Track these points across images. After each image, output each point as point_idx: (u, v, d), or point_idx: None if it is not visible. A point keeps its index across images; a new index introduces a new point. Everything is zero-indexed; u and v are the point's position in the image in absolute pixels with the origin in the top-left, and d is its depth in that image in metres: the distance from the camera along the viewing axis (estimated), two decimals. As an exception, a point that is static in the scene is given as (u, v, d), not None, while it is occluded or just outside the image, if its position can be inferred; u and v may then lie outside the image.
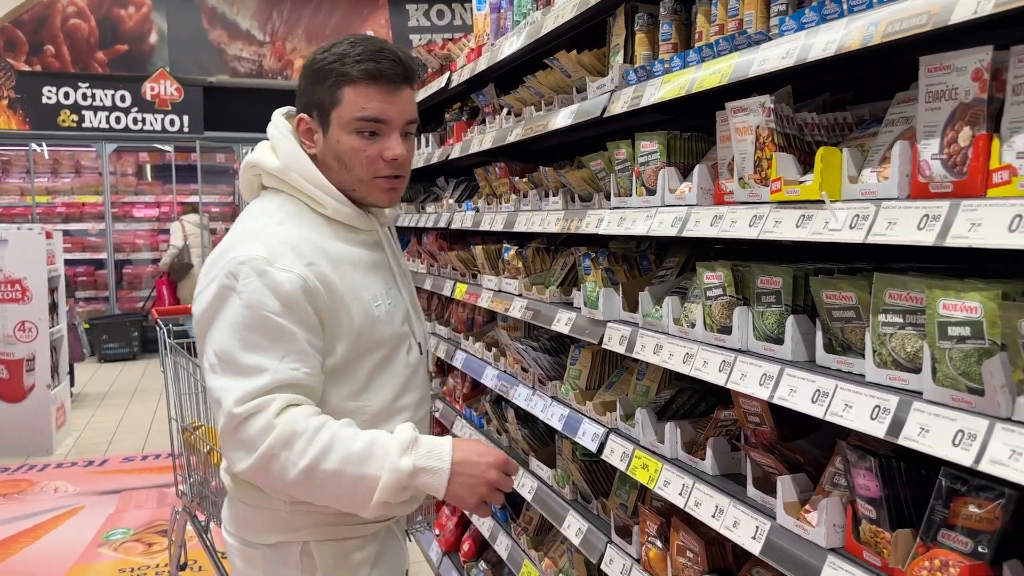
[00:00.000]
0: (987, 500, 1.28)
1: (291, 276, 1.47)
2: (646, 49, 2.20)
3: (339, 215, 1.60)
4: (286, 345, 1.46)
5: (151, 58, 11.06)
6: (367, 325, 1.56)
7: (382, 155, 1.56)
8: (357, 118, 1.53)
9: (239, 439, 1.45)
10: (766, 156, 1.60)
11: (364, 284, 1.59)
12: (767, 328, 1.66)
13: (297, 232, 1.54)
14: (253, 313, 1.45)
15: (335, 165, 1.58)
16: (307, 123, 1.59)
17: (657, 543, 2.06)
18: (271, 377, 1.44)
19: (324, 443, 1.44)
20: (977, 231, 1.18)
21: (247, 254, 1.48)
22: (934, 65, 1.32)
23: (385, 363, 1.61)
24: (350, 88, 1.53)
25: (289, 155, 1.59)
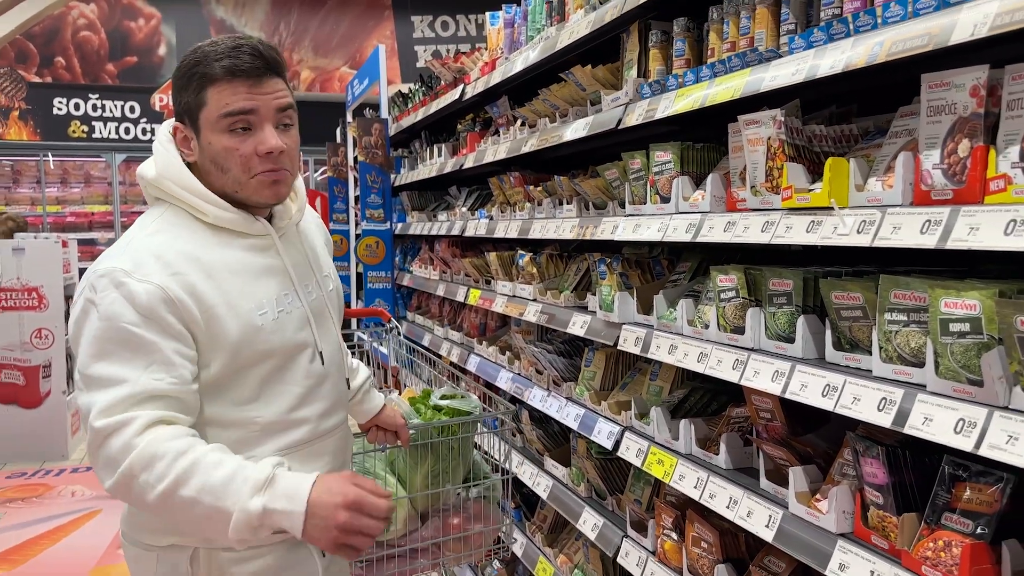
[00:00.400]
0: (987, 484, 1.37)
1: (149, 287, 1.42)
2: (659, 64, 2.31)
3: (221, 221, 1.54)
4: (146, 356, 1.41)
5: (160, 69, 11.20)
6: (248, 335, 1.50)
7: (256, 150, 1.50)
8: (223, 115, 1.48)
9: (102, 456, 1.40)
10: (777, 166, 1.70)
11: (246, 292, 1.52)
12: (779, 328, 1.77)
13: (168, 241, 1.49)
14: (110, 325, 1.41)
15: (212, 169, 1.53)
16: (182, 131, 1.55)
17: (672, 535, 2.16)
18: (131, 388, 1.39)
19: (184, 468, 1.37)
20: (976, 235, 1.28)
21: (107, 266, 1.45)
22: (935, 82, 1.43)
23: (278, 373, 1.55)
24: (213, 88, 1.48)
25: (163, 164, 1.56)
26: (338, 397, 1.70)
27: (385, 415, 2.03)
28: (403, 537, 2.18)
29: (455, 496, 2.26)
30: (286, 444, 1.56)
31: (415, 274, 5.10)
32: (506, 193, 3.55)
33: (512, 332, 3.51)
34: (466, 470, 2.26)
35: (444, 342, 4.32)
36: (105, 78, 11.01)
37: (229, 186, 1.53)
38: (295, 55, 11.82)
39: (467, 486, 2.26)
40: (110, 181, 10.79)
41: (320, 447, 1.63)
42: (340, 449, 1.71)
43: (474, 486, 2.28)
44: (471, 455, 2.28)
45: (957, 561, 1.32)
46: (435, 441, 2.11)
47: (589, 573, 2.68)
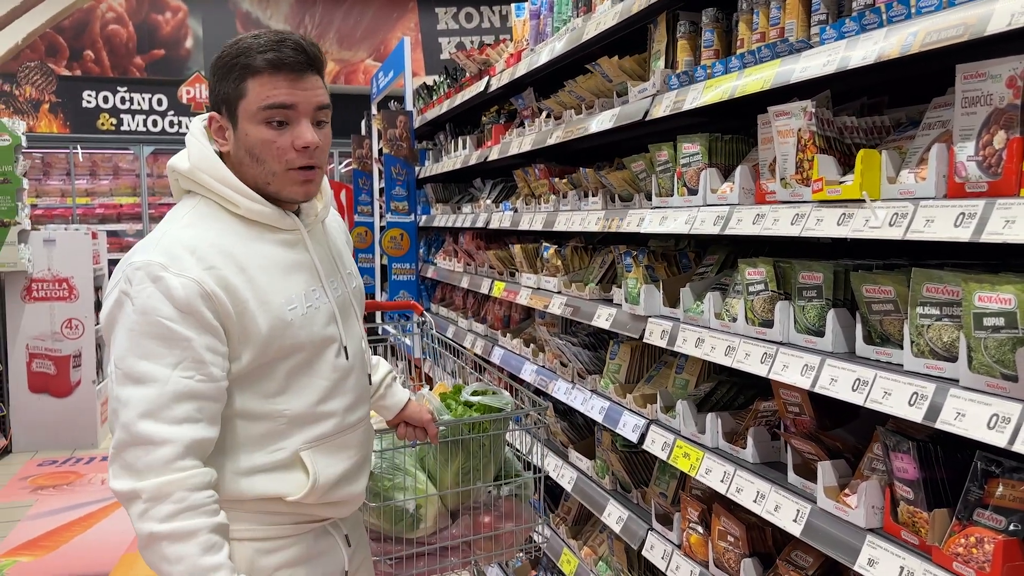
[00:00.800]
0: (1020, 480, 1.36)
1: (186, 281, 1.43)
2: (688, 55, 2.29)
3: (253, 214, 1.55)
4: (180, 352, 1.43)
5: (187, 62, 11.29)
6: (278, 329, 1.51)
7: (293, 144, 1.51)
8: (263, 107, 1.49)
9: (126, 459, 1.42)
10: (808, 157, 1.69)
11: (276, 287, 1.53)
12: (808, 321, 1.75)
13: (202, 235, 1.51)
14: (146, 319, 1.42)
15: (248, 160, 1.53)
16: (217, 121, 1.55)
17: (698, 529, 2.15)
18: (162, 388, 1.41)
19: (184, 530, 1.40)
20: (1011, 228, 1.26)
21: (143, 259, 1.46)
22: (970, 72, 1.41)
23: (306, 367, 1.58)
24: (254, 79, 1.49)
25: (198, 156, 1.56)
26: (362, 391, 1.72)
27: (411, 411, 2.03)
28: (433, 535, 2.19)
29: (486, 494, 2.27)
30: (313, 437, 1.59)
31: (439, 266, 5.11)
32: (531, 185, 3.55)
33: (536, 324, 3.51)
34: (497, 468, 2.27)
35: (468, 334, 4.33)
36: (133, 71, 11.12)
37: (262, 177, 1.55)
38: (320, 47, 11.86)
39: (498, 484, 2.27)
40: (138, 173, 10.90)
41: (345, 440, 1.65)
42: (363, 443, 1.73)
43: (505, 484, 2.28)
44: (502, 452, 2.29)
45: (989, 558, 1.31)
46: (466, 438, 2.12)
47: (614, 566, 2.68)
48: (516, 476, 2.33)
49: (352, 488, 1.68)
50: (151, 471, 1.40)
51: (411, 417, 2.03)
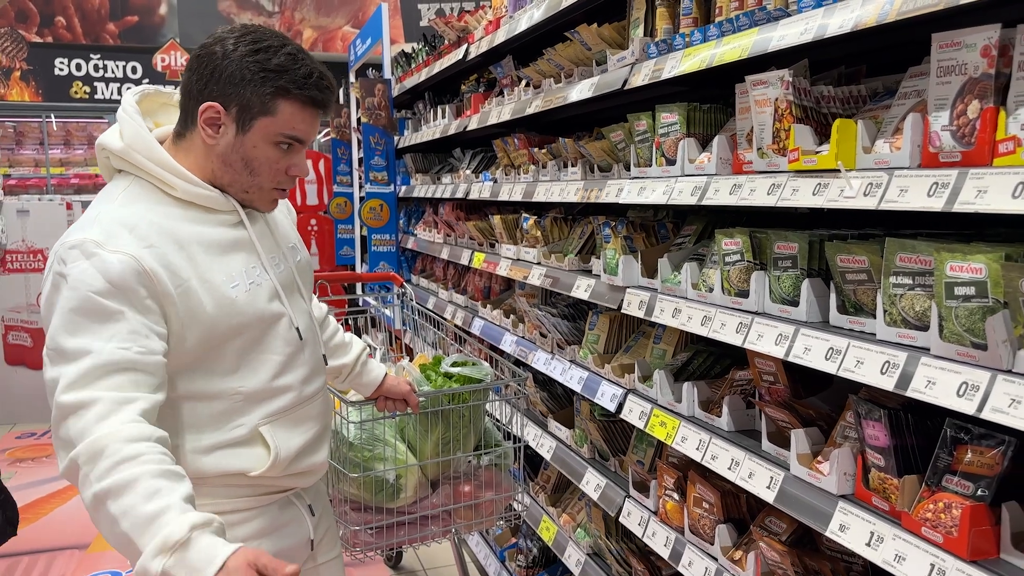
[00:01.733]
0: (988, 447, 1.38)
1: (122, 257, 1.39)
2: (667, 23, 2.27)
3: (190, 195, 1.52)
4: (113, 325, 1.37)
5: (161, 29, 11.09)
6: (223, 308, 1.50)
7: (288, 170, 1.56)
8: (286, 135, 1.51)
9: (60, 435, 1.33)
10: (784, 127, 1.69)
11: (216, 266, 1.51)
12: (783, 291, 1.76)
13: (139, 213, 1.47)
14: (78, 295, 1.37)
15: (238, 166, 1.53)
16: (217, 114, 1.50)
17: (674, 496, 2.18)
18: (95, 359, 1.34)
19: (122, 480, 1.27)
20: (983, 198, 1.27)
21: (77, 238, 1.42)
22: (945, 42, 1.40)
23: (256, 343, 1.56)
24: (288, 105, 1.50)
25: (133, 136, 1.52)
26: (316, 362, 1.72)
27: (389, 384, 2.04)
28: (414, 505, 2.21)
29: (466, 463, 2.29)
30: (271, 412, 1.59)
31: (419, 237, 5.09)
32: (510, 155, 3.53)
33: (516, 295, 3.51)
34: (477, 438, 2.28)
35: (448, 305, 4.32)
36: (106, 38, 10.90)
37: (243, 184, 1.55)
38: (297, 14, 11.68)
39: (478, 454, 2.29)
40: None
41: (304, 412, 1.65)
42: (322, 413, 1.73)
43: (485, 454, 2.30)
44: (482, 423, 2.30)
45: (957, 522, 1.34)
46: (446, 409, 2.13)
47: (592, 532, 2.71)
48: (496, 446, 2.35)
49: (314, 458, 1.69)
50: (84, 434, 1.30)
51: (390, 391, 2.04)
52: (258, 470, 1.56)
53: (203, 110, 1.50)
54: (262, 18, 11.54)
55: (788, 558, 1.76)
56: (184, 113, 1.55)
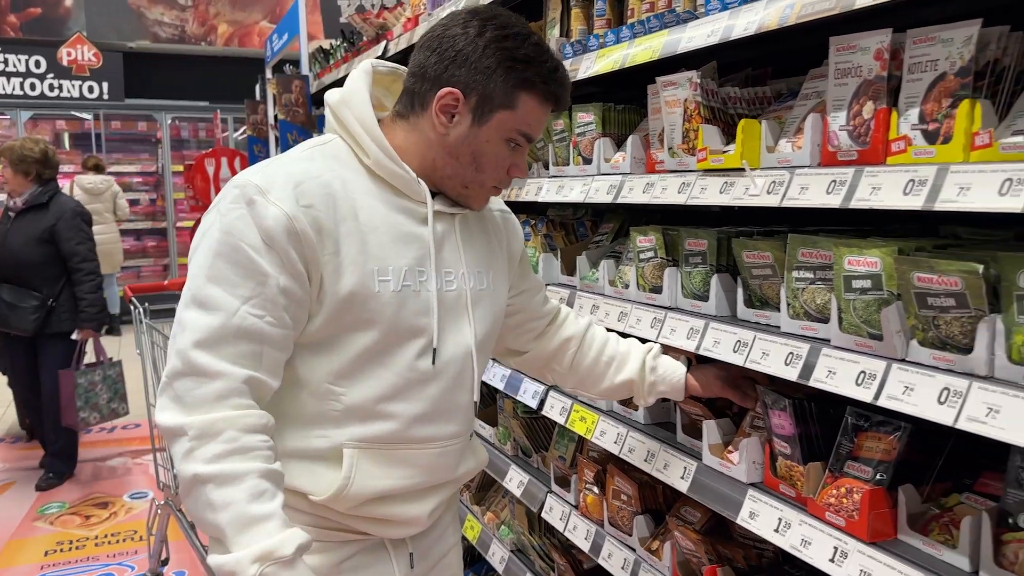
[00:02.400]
0: (886, 433, 1.45)
1: (278, 212, 1.29)
2: (581, 24, 2.30)
3: (381, 169, 1.40)
4: (254, 286, 1.29)
5: (67, 22, 10.63)
6: (359, 296, 1.35)
7: (509, 170, 1.44)
8: (521, 132, 1.40)
9: (176, 389, 1.28)
10: (693, 127, 1.73)
11: (377, 252, 1.37)
12: (694, 287, 1.81)
13: (315, 171, 1.36)
14: (228, 240, 1.29)
15: (466, 159, 1.40)
16: (456, 101, 1.37)
17: (594, 489, 2.21)
18: (227, 320, 1.28)
19: (231, 472, 1.24)
20: (877, 194, 1.33)
21: (244, 179, 1.33)
22: (842, 45, 1.46)
23: (380, 353, 1.39)
24: (530, 99, 1.38)
25: (350, 92, 1.43)
26: (450, 408, 1.47)
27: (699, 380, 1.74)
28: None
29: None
30: (367, 436, 1.40)
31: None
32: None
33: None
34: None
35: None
36: (7, 31, 10.39)
37: (463, 179, 1.43)
38: (212, 8, 11.36)
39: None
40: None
41: (407, 455, 1.43)
42: (434, 467, 1.48)
43: None
44: None
45: (858, 506, 1.39)
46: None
47: (515, 528, 2.73)
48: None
49: (405, 509, 1.46)
50: (201, 406, 1.26)
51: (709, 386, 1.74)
52: (320, 496, 1.38)
53: (441, 96, 1.37)
54: (175, 12, 11.20)
55: (702, 546, 1.81)
56: (411, 95, 1.42)
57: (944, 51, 1.30)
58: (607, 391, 1.78)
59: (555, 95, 1.41)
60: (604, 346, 1.77)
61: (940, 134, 1.28)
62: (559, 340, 1.76)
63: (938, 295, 1.26)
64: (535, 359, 1.79)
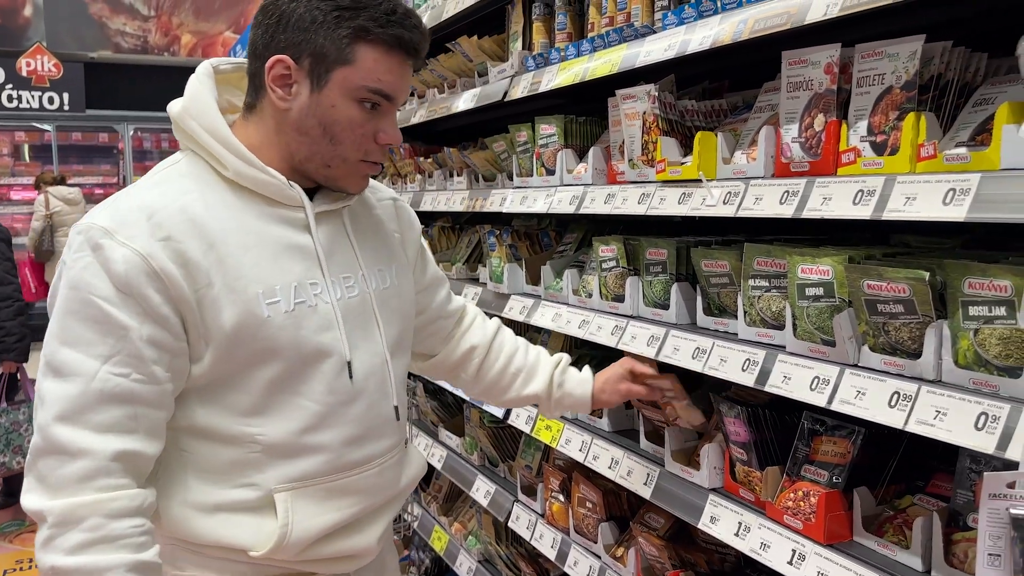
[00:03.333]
0: (841, 437, 1.48)
1: (128, 253, 1.16)
2: (543, 37, 2.33)
3: (242, 178, 1.25)
4: (113, 342, 1.15)
5: (26, 32, 10.46)
6: (248, 327, 1.22)
7: (376, 136, 1.28)
8: (370, 88, 1.24)
9: (39, 468, 1.16)
10: (652, 139, 1.76)
11: (256, 273, 1.23)
12: (655, 295, 1.84)
13: (169, 196, 1.22)
14: (76, 296, 1.16)
15: (316, 132, 1.26)
16: (288, 68, 1.24)
17: (560, 497, 2.23)
18: (87, 385, 1.14)
19: (93, 566, 1.13)
20: (828, 205, 1.36)
21: (88, 222, 1.19)
22: (794, 59, 1.51)
23: (290, 381, 1.26)
24: (369, 50, 1.23)
25: (191, 98, 1.28)
26: (376, 421, 1.36)
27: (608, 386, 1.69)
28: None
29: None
30: (295, 475, 1.27)
31: (307, 248, 5.00)
32: (397, 165, 3.52)
33: (405, 305, 3.50)
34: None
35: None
36: (-36, 40, 10.20)
37: (323, 157, 1.28)
38: (175, 18, 11.26)
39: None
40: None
41: (344, 484, 1.32)
42: (377, 487, 1.38)
43: None
44: None
45: (814, 509, 1.43)
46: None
47: (482, 539, 2.73)
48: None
49: (351, 542, 1.35)
50: (64, 488, 1.13)
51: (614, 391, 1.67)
52: (260, 550, 1.25)
53: (270, 66, 1.24)
54: (137, 22, 11.08)
55: (666, 552, 1.83)
56: (252, 79, 1.30)
57: (890, 65, 1.35)
58: (512, 401, 1.71)
59: (397, 38, 1.24)
60: (512, 356, 1.68)
61: (888, 146, 1.33)
62: (466, 346, 1.67)
63: (887, 302, 1.29)
64: (440, 365, 1.69)
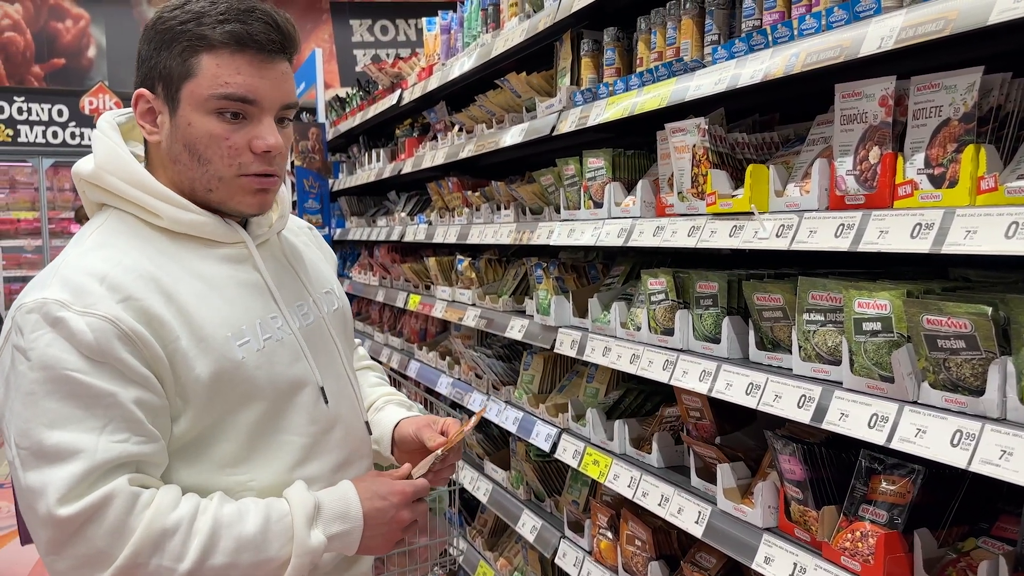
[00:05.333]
0: (900, 476, 1.44)
1: (94, 321, 1.11)
2: (591, 72, 2.35)
3: (181, 226, 1.23)
4: (102, 412, 1.11)
5: (89, 72, 10.91)
6: (226, 374, 1.19)
7: (250, 145, 1.21)
8: (218, 96, 1.18)
9: (79, 553, 1.09)
10: (702, 172, 1.76)
11: (218, 317, 1.21)
12: (705, 329, 1.82)
13: (114, 257, 1.18)
14: (49, 375, 1.10)
15: (185, 157, 1.22)
16: (148, 101, 1.22)
17: (608, 534, 2.19)
18: (89, 460, 1.09)
19: (206, 534, 1.14)
20: (885, 238, 1.34)
21: (36, 298, 1.13)
22: (848, 92, 1.49)
23: (270, 422, 1.24)
24: (209, 56, 1.18)
25: (104, 154, 1.24)
26: (356, 442, 1.38)
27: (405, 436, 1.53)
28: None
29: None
30: None
31: (355, 280, 5.07)
32: (445, 198, 3.56)
33: (452, 337, 3.52)
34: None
35: (384, 348, 4.30)
36: (31, 80, 10.67)
37: (203, 181, 1.23)
38: (231, 58, 11.62)
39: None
40: (37, 187, 10.44)
41: None
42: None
43: None
44: None
45: (873, 550, 1.38)
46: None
47: (528, 575, 2.70)
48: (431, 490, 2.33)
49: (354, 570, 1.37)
50: (126, 531, 1.10)
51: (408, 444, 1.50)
52: None
53: (134, 103, 1.24)
54: (195, 62, 11.46)
55: (718, 592, 1.79)
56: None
57: (948, 97, 1.33)
58: None
59: (235, 35, 1.18)
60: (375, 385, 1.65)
61: (946, 178, 1.30)
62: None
63: (948, 337, 1.26)
64: None
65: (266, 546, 1.18)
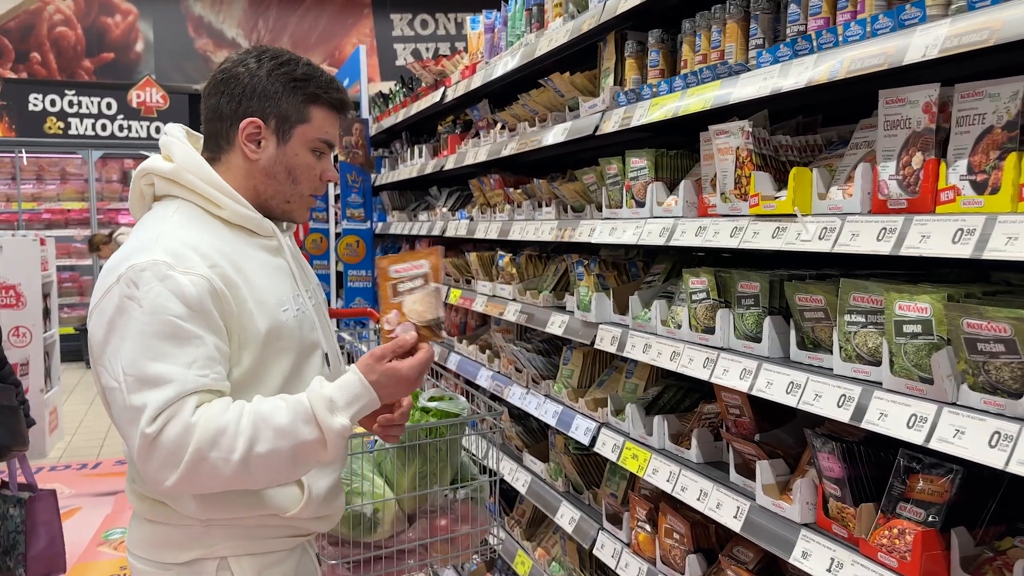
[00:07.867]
0: (938, 476, 1.47)
1: (195, 279, 1.43)
2: (635, 73, 2.39)
3: (237, 218, 1.57)
4: (192, 351, 1.41)
5: (137, 66, 11.16)
6: (275, 330, 1.53)
7: (322, 176, 1.63)
8: (321, 139, 1.60)
9: (159, 456, 1.38)
10: (745, 174, 1.79)
11: (268, 288, 1.55)
12: (746, 328, 1.85)
13: (197, 235, 1.51)
14: (157, 319, 1.40)
15: (282, 176, 1.60)
16: (258, 128, 1.57)
17: (646, 527, 2.24)
18: (179, 387, 1.39)
19: (250, 428, 1.41)
20: (927, 242, 1.37)
21: (147, 259, 1.44)
22: (891, 98, 1.52)
23: (294, 373, 1.58)
24: (321, 111, 1.60)
25: (185, 157, 1.57)
26: None
27: None
28: (391, 538, 2.24)
29: (442, 498, 2.32)
30: None
31: (395, 273, 5.14)
32: (486, 195, 3.62)
33: (492, 331, 3.58)
34: (454, 472, 2.32)
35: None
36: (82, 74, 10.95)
37: (285, 195, 1.62)
38: (274, 52, 11.79)
39: (454, 488, 2.32)
40: (86, 178, 10.73)
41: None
42: (342, 457, 1.77)
43: (461, 488, 2.33)
44: (459, 457, 2.34)
45: (910, 547, 1.41)
46: (423, 443, 2.17)
47: (566, 565, 2.76)
48: (472, 480, 2.40)
49: (338, 501, 1.70)
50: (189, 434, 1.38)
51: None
52: (292, 510, 1.57)
53: (243, 127, 1.56)
54: (239, 56, 11.65)
55: (755, 585, 1.83)
56: (215, 137, 1.60)
57: (991, 105, 1.35)
58: None
59: (339, 101, 1.64)
60: None
61: (988, 185, 1.33)
62: None
63: (987, 341, 1.29)
64: None
65: (298, 432, 1.44)
